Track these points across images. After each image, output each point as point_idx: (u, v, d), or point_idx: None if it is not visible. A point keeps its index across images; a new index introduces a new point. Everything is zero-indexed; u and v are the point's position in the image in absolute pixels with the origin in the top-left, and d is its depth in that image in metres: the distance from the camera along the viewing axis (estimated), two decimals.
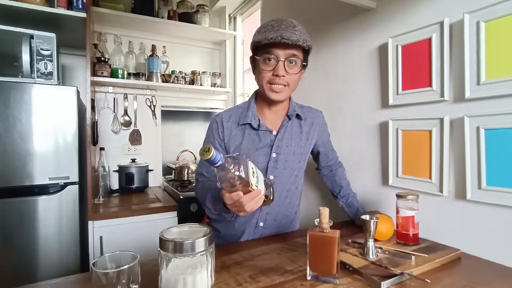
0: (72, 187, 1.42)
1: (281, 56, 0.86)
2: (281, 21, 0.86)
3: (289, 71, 0.87)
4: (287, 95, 0.94)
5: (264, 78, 0.89)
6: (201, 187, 0.94)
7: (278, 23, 0.85)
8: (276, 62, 0.86)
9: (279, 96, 0.90)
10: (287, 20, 0.86)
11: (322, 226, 0.67)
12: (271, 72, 0.87)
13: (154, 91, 2.20)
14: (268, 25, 0.86)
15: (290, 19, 0.87)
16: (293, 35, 0.82)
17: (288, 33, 0.82)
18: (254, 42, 0.88)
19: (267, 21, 0.88)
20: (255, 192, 0.68)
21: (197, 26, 2.16)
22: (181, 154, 2.26)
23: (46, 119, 1.36)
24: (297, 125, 1.01)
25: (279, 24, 0.85)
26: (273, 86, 0.89)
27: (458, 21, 0.89)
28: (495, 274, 0.72)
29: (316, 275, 0.68)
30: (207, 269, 0.60)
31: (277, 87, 0.89)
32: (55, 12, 1.45)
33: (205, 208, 0.90)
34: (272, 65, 0.87)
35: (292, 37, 0.82)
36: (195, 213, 1.70)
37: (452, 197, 0.93)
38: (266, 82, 0.89)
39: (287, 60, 0.86)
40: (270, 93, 0.90)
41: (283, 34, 0.82)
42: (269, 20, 0.88)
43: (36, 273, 1.35)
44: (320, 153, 1.12)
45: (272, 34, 0.83)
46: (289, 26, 0.84)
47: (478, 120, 0.85)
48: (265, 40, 0.83)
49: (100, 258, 0.55)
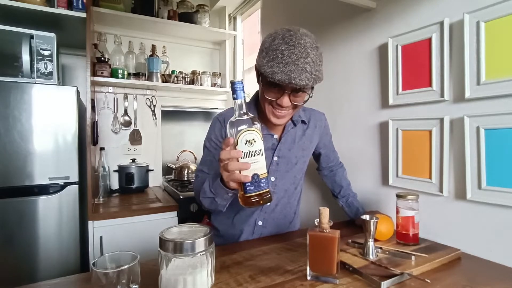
0: (72, 187, 1.42)
1: (287, 89, 0.79)
2: (293, 46, 0.74)
3: (294, 101, 0.81)
4: (289, 118, 0.90)
5: (267, 100, 0.84)
6: (201, 178, 0.92)
7: (289, 51, 0.74)
8: (281, 93, 0.80)
9: (280, 121, 0.87)
10: (299, 46, 0.74)
11: (322, 226, 0.67)
12: (275, 101, 0.82)
13: (154, 91, 2.20)
14: (277, 51, 0.75)
15: (304, 40, 0.75)
16: (302, 76, 0.73)
17: (297, 73, 0.73)
18: (259, 67, 0.80)
19: (278, 41, 0.76)
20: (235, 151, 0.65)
21: (197, 26, 2.16)
22: (181, 154, 2.26)
23: (46, 119, 1.36)
24: (301, 129, 1.00)
25: (290, 54, 0.73)
26: (276, 111, 0.84)
27: (458, 21, 0.89)
28: (495, 274, 0.72)
29: (316, 275, 0.68)
30: (207, 269, 0.60)
31: (280, 113, 0.84)
32: (55, 12, 1.45)
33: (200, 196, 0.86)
34: (277, 93, 0.80)
35: (302, 82, 0.73)
36: (195, 213, 1.70)
37: (452, 197, 0.93)
38: (268, 105, 0.84)
39: (292, 94, 0.80)
40: (272, 117, 0.85)
41: (292, 75, 0.73)
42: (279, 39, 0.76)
43: (36, 273, 1.35)
44: (321, 154, 1.12)
45: (279, 75, 0.73)
46: (301, 57, 0.73)
47: (478, 120, 0.85)
48: (271, 79, 0.75)
49: (100, 258, 0.55)
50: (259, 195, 0.68)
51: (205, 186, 0.83)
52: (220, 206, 0.83)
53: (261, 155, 0.68)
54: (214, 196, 0.80)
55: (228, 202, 0.82)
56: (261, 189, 0.67)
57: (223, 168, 0.68)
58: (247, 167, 0.65)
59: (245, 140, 0.66)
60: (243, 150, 0.65)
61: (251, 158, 0.66)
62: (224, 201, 0.81)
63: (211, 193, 0.80)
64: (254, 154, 0.67)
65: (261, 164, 0.68)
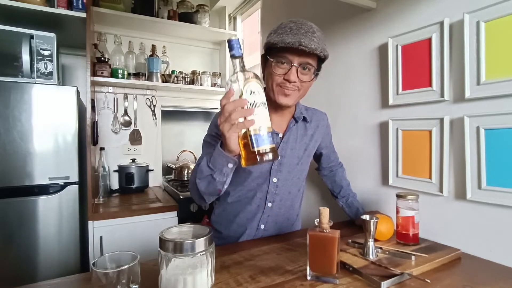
0: (72, 187, 1.42)
1: (295, 61, 0.81)
2: (300, 24, 0.81)
3: (301, 78, 0.83)
4: (296, 100, 0.90)
5: (275, 80, 0.85)
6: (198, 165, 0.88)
7: (297, 26, 0.80)
8: (289, 67, 0.82)
9: (288, 100, 0.87)
10: (306, 24, 0.81)
11: (322, 226, 0.67)
12: (282, 76, 0.83)
13: (154, 91, 2.20)
14: (286, 27, 0.81)
15: (310, 23, 0.83)
16: (311, 42, 0.77)
17: (306, 40, 0.77)
18: (269, 43, 0.82)
19: (286, 22, 0.83)
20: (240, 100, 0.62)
21: (197, 26, 2.16)
22: (181, 154, 2.26)
23: (46, 119, 1.36)
24: (303, 128, 0.99)
25: (298, 28, 0.80)
26: (284, 90, 0.85)
27: (458, 21, 0.89)
28: (495, 274, 0.72)
29: (316, 275, 0.68)
30: (207, 269, 0.60)
31: (288, 90, 0.85)
32: (55, 12, 1.45)
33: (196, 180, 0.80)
34: (285, 69, 0.83)
35: (311, 45, 0.77)
36: (195, 213, 1.70)
37: (452, 197, 0.93)
38: (276, 85, 0.85)
39: (300, 67, 0.82)
40: (279, 96, 0.86)
41: (302, 40, 0.77)
42: (287, 21, 0.83)
43: (36, 273, 1.35)
44: (322, 154, 1.12)
45: (290, 38, 0.77)
46: (308, 31, 0.79)
47: (478, 120, 0.85)
48: (282, 44, 0.78)
49: (100, 258, 0.55)
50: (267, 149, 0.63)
51: (202, 165, 0.78)
52: (219, 184, 0.77)
53: (264, 108, 0.65)
54: (212, 173, 0.76)
55: (226, 178, 0.77)
56: (269, 143, 0.64)
57: (225, 121, 0.64)
58: (252, 112, 0.63)
59: (250, 91, 0.63)
60: (248, 100, 0.63)
61: (256, 109, 0.63)
62: (223, 177, 0.76)
63: (209, 170, 0.76)
64: (259, 106, 0.64)
65: (266, 116, 0.65)
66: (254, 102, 0.63)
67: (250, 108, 0.63)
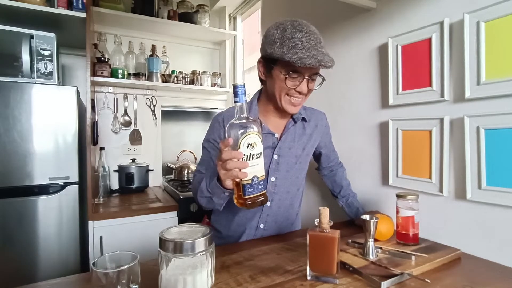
0: (72, 187, 1.42)
1: (306, 74, 0.83)
2: (307, 34, 0.79)
3: (310, 87, 0.86)
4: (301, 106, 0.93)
5: (283, 90, 0.85)
6: (198, 177, 0.94)
7: (306, 39, 0.78)
8: (301, 79, 0.83)
9: (296, 109, 0.90)
10: (312, 33, 0.80)
11: (322, 226, 0.67)
12: (293, 88, 0.84)
13: (154, 91, 2.20)
14: (295, 39, 0.78)
15: (313, 29, 0.82)
16: (326, 57, 0.78)
17: (321, 56, 0.77)
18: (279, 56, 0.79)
19: (290, 31, 0.80)
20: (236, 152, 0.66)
21: (197, 26, 2.16)
22: (181, 154, 2.26)
23: (46, 119, 1.36)
24: (301, 127, 1.00)
25: (308, 40, 0.78)
26: (293, 100, 0.86)
27: (458, 21, 0.89)
28: (495, 274, 0.72)
29: (316, 275, 0.68)
30: (207, 269, 0.60)
31: (296, 100, 0.87)
32: (55, 12, 1.45)
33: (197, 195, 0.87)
34: (296, 80, 0.83)
35: (328, 64, 0.78)
36: (195, 213, 1.70)
37: (452, 197, 0.93)
38: (285, 94, 0.86)
39: (310, 77, 0.84)
40: (288, 106, 0.88)
41: (319, 58, 0.77)
42: (290, 28, 0.80)
43: (36, 273, 1.35)
44: (322, 154, 1.12)
45: (308, 60, 0.76)
46: (317, 43, 0.80)
47: (478, 120, 0.85)
48: (301, 64, 0.76)
49: (100, 258, 0.55)
50: (257, 197, 0.69)
51: (202, 186, 0.84)
52: (217, 205, 0.85)
53: (260, 158, 0.69)
54: (211, 196, 0.82)
55: (225, 201, 0.84)
56: (259, 191, 0.69)
57: (221, 167, 0.69)
58: (246, 165, 0.67)
59: (247, 144, 0.67)
60: (244, 153, 0.67)
61: (251, 161, 0.68)
62: (221, 200, 0.83)
63: (208, 193, 0.82)
64: (255, 157, 0.68)
65: (260, 167, 0.69)
66: (250, 155, 0.67)
67: (245, 162, 0.67)
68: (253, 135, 0.67)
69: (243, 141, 0.66)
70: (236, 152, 0.66)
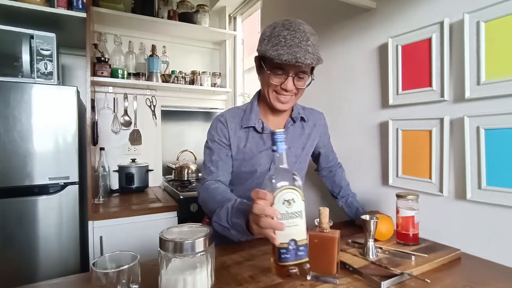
0: (72, 187, 1.42)
1: (290, 72, 0.83)
2: (294, 31, 0.79)
3: (297, 84, 0.86)
4: (292, 104, 0.92)
5: (271, 87, 0.87)
6: (213, 189, 0.87)
7: (291, 36, 0.78)
8: (285, 76, 0.83)
9: (284, 106, 0.89)
10: (300, 31, 0.79)
11: (322, 226, 0.67)
12: (279, 85, 0.85)
13: (154, 91, 2.20)
14: (280, 36, 0.79)
15: (303, 27, 0.81)
16: (307, 55, 0.77)
17: (302, 53, 0.77)
18: (265, 55, 0.81)
19: (278, 28, 0.81)
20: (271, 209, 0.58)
21: (197, 26, 2.16)
22: (181, 154, 2.26)
23: (46, 119, 1.36)
24: (300, 127, 1.00)
25: (292, 37, 0.78)
26: (280, 97, 0.87)
27: (458, 21, 0.89)
28: (495, 274, 0.72)
29: (316, 275, 0.68)
30: (207, 269, 0.60)
31: (284, 98, 0.87)
32: (55, 12, 1.45)
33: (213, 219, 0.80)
34: (281, 78, 0.84)
35: (307, 60, 0.77)
36: (195, 213, 1.70)
37: (452, 197, 0.93)
38: (272, 91, 0.87)
39: (296, 76, 0.84)
40: (276, 103, 0.88)
41: (298, 55, 0.76)
42: (280, 26, 0.81)
43: (36, 273, 1.35)
44: (320, 154, 1.12)
45: (286, 55, 0.76)
46: (302, 40, 0.78)
47: (478, 120, 0.85)
48: (278, 60, 0.78)
49: (100, 258, 0.55)
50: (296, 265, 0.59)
51: (222, 214, 0.76)
52: (235, 238, 0.77)
53: (300, 218, 0.59)
54: (229, 227, 0.74)
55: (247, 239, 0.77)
56: (299, 258, 0.59)
57: (253, 221, 0.62)
58: (282, 228, 0.58)
59: (283, 200, 0.58)
60: (280, 210, 0.58)
61: (288, 221, 0.58)
62: (242, 237, 0.75)
63: (228, 224, 0.74)
64: (292, 217, 0.59)
65: (300, 229, 0.59)
66: (286, 213, 0.59)
67: (280, 223, 0.58)
68: (291, 190, 0.59)
69: (278, 196, 0.58)
70: (270, 208, 0.58)
